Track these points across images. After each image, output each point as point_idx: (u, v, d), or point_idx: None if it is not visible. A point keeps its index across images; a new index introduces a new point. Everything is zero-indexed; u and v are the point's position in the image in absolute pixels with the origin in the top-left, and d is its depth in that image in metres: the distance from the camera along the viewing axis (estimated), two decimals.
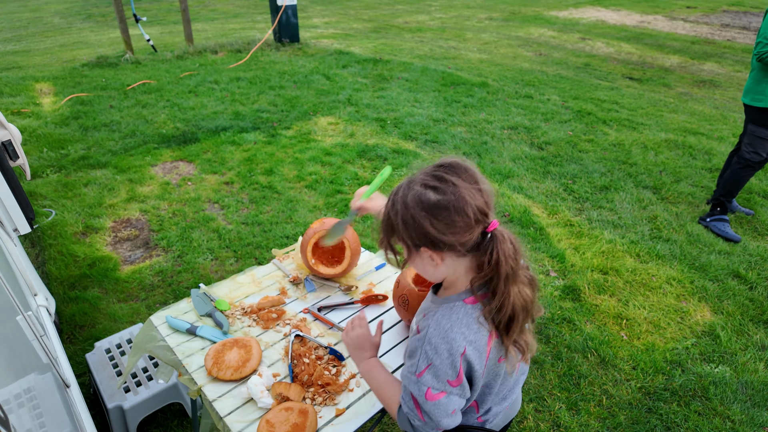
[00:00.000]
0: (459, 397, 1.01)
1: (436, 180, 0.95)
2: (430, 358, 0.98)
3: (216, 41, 8.35)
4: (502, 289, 0.95)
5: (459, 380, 0.98)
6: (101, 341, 2.19)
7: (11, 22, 11.16)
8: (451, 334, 0.97)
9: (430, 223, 0.93)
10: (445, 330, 0.98)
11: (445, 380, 0.98)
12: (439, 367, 0.97)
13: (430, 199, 0.93)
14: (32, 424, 1.29)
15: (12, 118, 5.20)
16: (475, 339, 0.98)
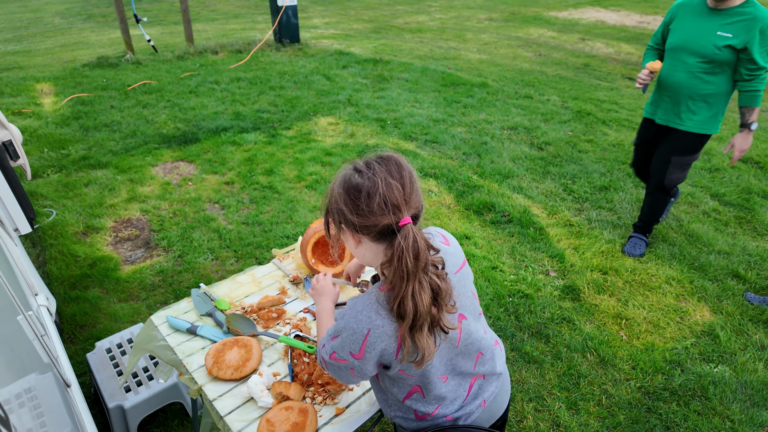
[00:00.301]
0: (359, 369, 1.10)
1: (365, 166, 1.03)
2: (340, 330, 1.09)
3: (216, 42, 8.36)
4: (396, 283, 1.00)
5: (361, 355, 1.06)
6: (102, 341, 2.20)
7: (12, 23, 11.17)
8: (360, 316, 1.05)
9: (344, 201, 1.02)
10: (357, 311, 1.06)
11: (348, 351, 1.08)
12: (345, 340, 1.07)
13: (351, 180, 1.02)
14: (33, 423, 1.29)
15: (13, 118, 5.21)
16: (382, 324, 1.03)
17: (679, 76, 2.75)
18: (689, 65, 2.69)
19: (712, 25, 2.58)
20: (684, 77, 2.73)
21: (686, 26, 2.70)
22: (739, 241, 3.44)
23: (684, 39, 2.70)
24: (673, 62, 2.77)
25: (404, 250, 0.97)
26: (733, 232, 3.55)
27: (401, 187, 1.00)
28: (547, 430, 2.15)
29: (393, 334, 1.04)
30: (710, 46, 2.58)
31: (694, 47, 2.65)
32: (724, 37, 2.52)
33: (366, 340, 1.04)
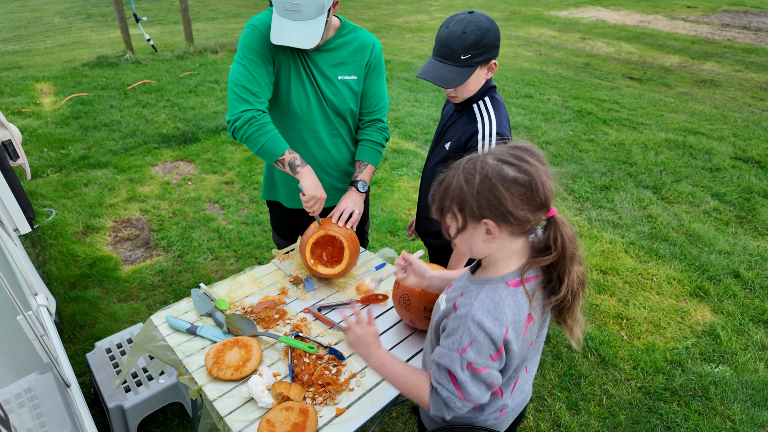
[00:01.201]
0: (497, 370, 1.05)
1: (515, 158, 0.98)
2: (474, 335, 1.01)
3: (216, 41, 8.35)
4: (568, 269, 1.00)
5: (500, 354, 1.03)
6: (102, 341, 2.20)
7: (11, 22, 11.16)
8: (495, 314, 1.01)
9: (503, 195, 0.96)
10: (489, 309, 1.01)
11: (488, 355, 1.02)
12: (482, 344, 1.01)
13: (509, 173, 0.96)
14: (33, 423, 1.29)
15: (12, 118, 5.21)
16: (516, 320, 1.02)
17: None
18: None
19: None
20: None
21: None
22: (740, 240, 3.43)
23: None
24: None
25: (571, 237, 0.99)
26: (734, 232, 3.54)
27: (550, 178, 0.99)
28: (548, 430, 2.14)
29: (521, 327, 1.03)
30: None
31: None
32: None
33: (506, 336, 1.01)
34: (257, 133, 1.67)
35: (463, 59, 1.49)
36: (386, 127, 1.99)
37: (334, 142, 1.89)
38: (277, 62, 1.72)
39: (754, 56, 8.39)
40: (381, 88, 1.91)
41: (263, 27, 1.66)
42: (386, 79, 7.14)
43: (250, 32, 1.67)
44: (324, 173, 1.93)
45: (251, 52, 1.66)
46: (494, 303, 1.02)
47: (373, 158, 1.94)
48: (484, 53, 1.51)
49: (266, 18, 1.68)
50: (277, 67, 1.72)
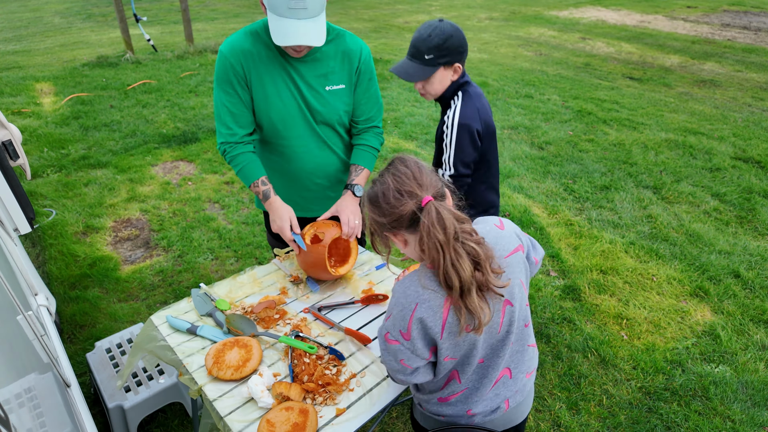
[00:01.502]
0: (410, 352, 1.13)
1: (378, 176, 1.17)
2: (391, 309, 1.14)
3: (216, 41, 8.35)
4: (434, 257, 1.05)
5: (408, 335, 1.11)
6: (102, 341, 2.20)
7: (11, 22, 11.16)
8: (408, 291, 1.11)
9: (372, 212, 1.14)
10: (404, 287, 1.12)
11: (398, 330, 1.12)
12: (396, 317, 1.12)
13: (370, 193, 1.15)
14: (33, 423, 1.29)
15: (12, 118, 5.21)
16: (429, 298, 1.08)
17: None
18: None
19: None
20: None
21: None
22: (740, 240, 3.43)
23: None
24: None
25: (432, 224, 1.03)
26: (734, 232, 3.54)
27: (410, 174, 1.10)
28: (548, 430, 2.14)
29: (439, 308, 1.08)
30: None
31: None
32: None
33: (413, 315, 1.08)
34: (232, 163, 1.77)
35: (427, 59, 1.70)
36: (381, 131, 1.96)
37: (321, 150, 1.86)
38: (251, 85, 1.70)
39: (755, 56, 8.39)
40: (374, 93, 1.88)
41: (229, 53, 1.65)
42: (386, 79, 7.08)
43: (219, 62, 1.69)
44: (315, 182, 1.91)
45: (224, 82, 1.68)
46: (410, 281, 1.11)
47: (369, 162, 1.91)
48: (446, 56, 1.70)
49: (234, 41, 1.67)
50: (252, 87, 1.71)
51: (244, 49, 1.66)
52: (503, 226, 1.22)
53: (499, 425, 1.28)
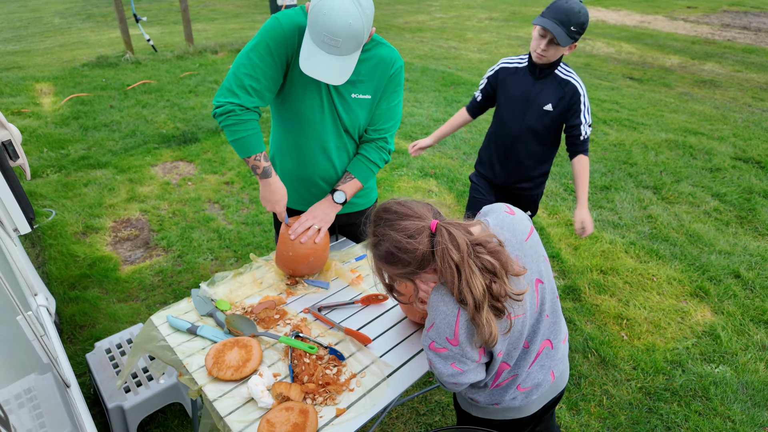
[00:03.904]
0: (461, 356, 1.14)
1: (374, 236, 1.17)
2: (433, 318, 1.15)
3: (216, 41, 8.35)
4: (449, 279, 1.08)
5: (456, 340, 1.12)
6: (101, 341, 2.19)
7: (11, 22, 11.16)
8: (447, 298, 1.11)
9: (392, 270, 1.16)
10: (441, 295, 1.13)
11: (444, 338, 1.13)
12: (439, 326, 1.13)
13: (380, 253, 1.15)
14: (32, 424, 1.29)
15: (12, 118, 5.20)
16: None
17: None
18: None
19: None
20: None
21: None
22: (741, 241, 3.43)
23: None
24: None
25: (445, 249, 1.05)
26: (734, 232, 3.54)
27: (403, 214, 1.12)
28: None
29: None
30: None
31: None
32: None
33: (458, 321, 1.09)
34: (235, 126, 1.60)
35: (572, 30, 1.88)
36: (389, 148, 1.88)
37: (340, 156, 1.83)
38: (293, 66, 1.62)
39: (755, 56, 8.39)
40: (395, 107, 1.81)
41: (288, 26, 1.54)
42: None
43: (272, 26, 1.55)
44: (321, 184, 1.88)
45: (264, 47, 1.55)
46: (446, 290, 1.12)
47: (363, 175, 1.84)
48: (581, 34, 1.92)
49: (295, 16, 1.56)
50: (291, 71, 1.63)
51: (301, 24, 1.56)
52: (513, 211, 1.25)
53: (548, 395, 1.36)
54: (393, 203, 1.17)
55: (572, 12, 1.86)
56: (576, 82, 2.06)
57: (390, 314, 1.69)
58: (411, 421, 2.17)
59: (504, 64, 2.21)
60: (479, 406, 1.35)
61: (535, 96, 2.11)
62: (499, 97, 2.25)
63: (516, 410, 1.32)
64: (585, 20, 1.88)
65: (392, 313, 1.69)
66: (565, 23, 1.87)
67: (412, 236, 1.09)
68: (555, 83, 2.07)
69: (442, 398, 2.28)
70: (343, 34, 1.42)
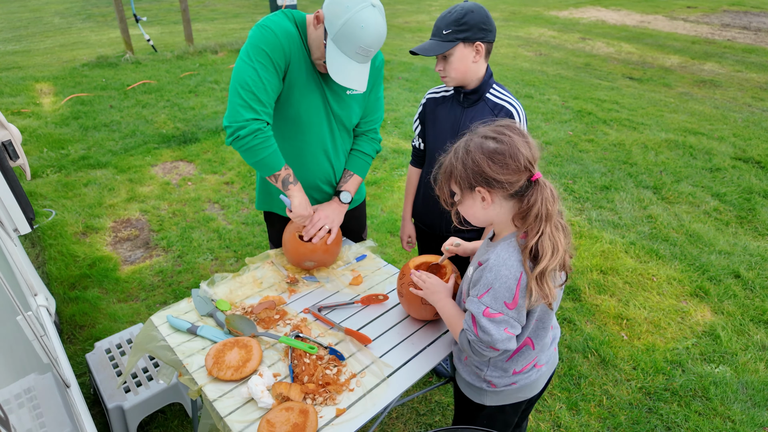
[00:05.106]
0: (514, 320, 1.18)
1: (495, 133, 1.16)
2: (490, 283, 1.16)
3: (216, 41, 8.35)
4: (534, 227, 1.12)
5: (515, 304, 1.15)
6: (101, 341, 2.19)
7: (11, 22, 11.16)
8: (509, 262, 1.14)
9: (487, 164, 1.13)
10: (503, 259, 1.15)
11: (502, 302, 1.15)
12: (498, 290, 1.15)
13: (489, 146, 1.14)
14: (32, 424, 1.29)
15: (12, 118, 5.20)
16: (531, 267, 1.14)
17: None
18: None
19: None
20: None
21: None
22: (740, 241, 3.43)
23: None
24: None
25: (547, 196, 1.11)
26: (734, 232, 3.54)
27: (532, 146, 1.14)
28: (548, 430, 2.14)
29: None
30: None
31: None
32: None
33: (519, 284, 1.13)
34: (261, 145, 1.55)
35: (445, 34, 1.62)
36: (378, 138, 1.95)
37: (336, 155, 1.85)
38: (289, 72, 1.61)
39: (754, 56, 8.39)
40: (380, 98, 1.87)
41: (280, 32, 1.53)
42: (386, 79, 7.10)
43: (264, 35, 1.52)
44: (323, 187, 1.89)
45: (263, 56, 1.52)
46: (508, 254, 1.15)
47: (361, 169, 1.91)
48: (465, 31, 1.60)
49: (282, 23, 1.56)
50: (288, 77, 1.62)
51: (290, 32, 1.57)
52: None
53: (551, 369, 1.44)
54: (524, 128, 1.22)
55: (441, 18, 1.64)
56: (512, 107, 1.71)
57: (390, 314, 1.69)
58: (411, 421, 2.17)
59: (430, 95, 1.89)
60: (493, 391, 1.39)
61: (465, 126, 1.70)
62: (428, 132, 1.91)
63: (529, 387, 1.39)
64: (459, 16, 1.59)
65: (392, 314, 1.69)
66: (437, 33, 1.64)
67: (528, 161, 1.12)
68: (487, 109, 1.72)
69: (442, 398, 2.28)
70: (376, 45, 1.51)
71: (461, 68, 1.66)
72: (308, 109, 1.70)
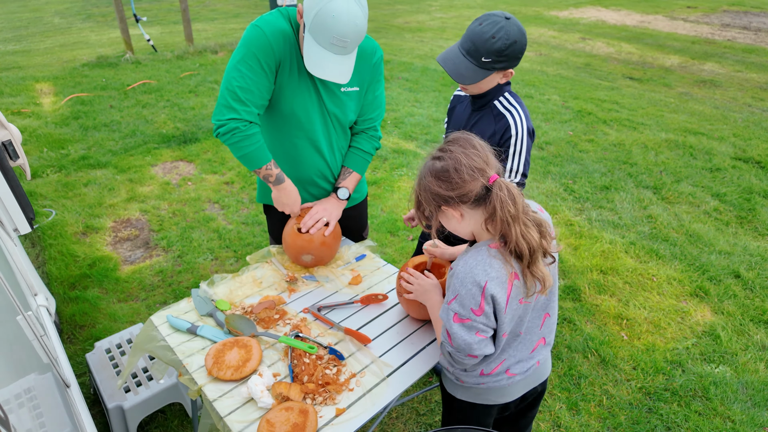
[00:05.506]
0: (483, 326, 1.19)
1: (440, 151, 1.20)
2: (457, 290, 1.19)
3: (216, 41, 8.35)
4: (504, 231, 1.14)
5: (481, 310, 1.17)
6: (101, 341, 2.19)
7: (11, 22, 11.16)
8: (475, 270, 1.16)
9: (437, 185, 1.17)
10: (470, 266, 1.17)
11: (469, 308, 1.17)
12: (464, 297, 1.17)
13: (436, 166, 1.18)
14: (32, 424, 1.29)
15: (12, 118, 5.21)
16: (497, 275, 1.15)
17: None
18: None
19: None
20: None
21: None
22: (740, 241, 3.43)
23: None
24: None
25: (504, 199, 1.12)
26: (734, 232, 3.54)
27: (478, 152, 1.16)
28: (548, 430, 2.14)
29: (504, 284, 1.16)
30: None
31: None
32: None
33: (484, 291, 1.15)
34: (241, 143, 1.61)
35: (484, 61, 1.56)
36: (378, 135, 1.96)
37: (331, 151, 1.86)
38: (281, 71, 1.64)
39: (754, 56, 8.39)
40: (380, 96, 1.88)
41: (270, 32, 1.55)
42: (386, 79, 7.08)
43: (255, 35, 1.55)
44: (319, 181, 1.91)
45: (251, 57, 1.55)
46: (475, 261, 1.17)
47: (360, 167, 1.93)
48: (504, 62, 1.57)
49: (275, 22, 1.58)
50: (280, 76, 1.64)
51: (284, 31, 1.58)
52: (542, 210, 1.31)
53: (531, 382, 1.41)
54: (477, 139, 1.20)
55: (483, 40, 1.52)
56: (513, 119, 1.68)
57: (390, 314, 1.69)
58: (411, 421, 2.17)
59: (457, 92, 1.92)
60: (462, 387, 1.40)
61: (469, 129, 1.75)
62: (448, 129, 1.96)
63: (499, 392, 1.37)
64: (503, 46, 1.52)
65: (392, 313, 1.69)
66: (474, 54, 1.56)
67: (474, 171, 1.13)
68: (491, 116, 1.71)
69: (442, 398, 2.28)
70: (351, 35, 1.47)
71: (486, 87, 1.67)
72: (302, 106, 1.71)
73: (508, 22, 1.52)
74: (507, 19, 1.53)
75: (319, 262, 1.86)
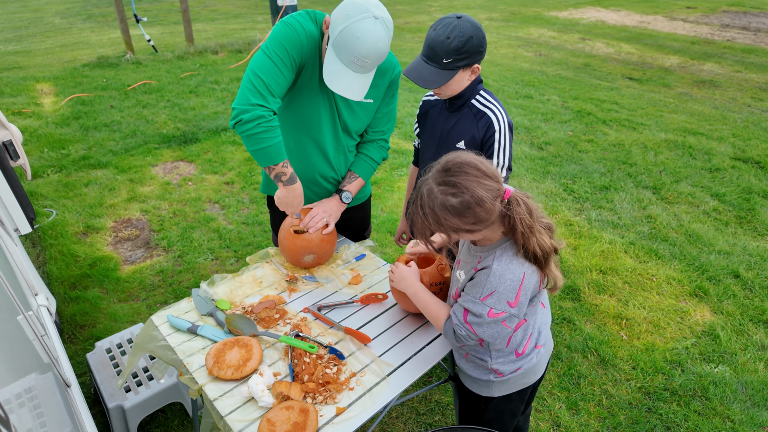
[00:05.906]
0: (514, 316, 1.27)
1: (449, 185, 1.15)
2: (495, 287, 1.23)
3: (216, 41, 8.35)
4: (523, 241, 1.20)
5: (517, 301, 1.24)
6: (102, 341, 2.20)
7: (12, 23, 11.16)
8: (512, 266, 1.22)
9: (460, 221, 1.17)
10: (506, 264, 1.23)
11: (506, 302, 1.24)
12: (502, 293, 1.23)
13: (452, 202, 1.15)
14: (33, 423, 1.29)
15: (13, 119, 5.21)
16: (531, 268, 1.24)
17: None
18: None
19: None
20: None
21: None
22: (740, 241, 3.43)
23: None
24: None
25: (522, 213, 1.16)
26: (734, 232, 3.55)
27: (485, 173, 1.16)
28: (548, 430, 2.14)
29: (536, 274, 1.25)
30: None
31: None
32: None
33: (522, 285, 1.23)
34: (262, 135, 1.52)
35: (445, 63, 1.58)
36: (387, 146, 1.99)
37: (336, 155, 1.88)
38: (303, 72, 1.65)
39: (754, 57, 8.39)
40: (393, 109, 1.90)
41: (303, 35, 1.56)
42: None
43: (287, 32, 1.55)
44: (322, 182, 1.92)
45: (283, 52, 1.53)
46: (509, 259, 1.23)
47: (366, 173, 1.95)
48: (466, 58, 1.58)
49: (307, 25, 1.58)
50: (302, 77, 1.65)
51: (313, 34, 1.59)
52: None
53: (549, 350, 1.51)
54: (472, 157, 1.18)
55: (438, 42, 1.55)
56: (494, 114, 1.69)
57: (389, 313, 1.69)
58: (411, 420, 2.17)
59: (426, 97, 1.91)
60: (501, 381, 1.44)
61: (448, 131, 1.78)
62: (421, 133, 1.94)
63: (532, 371, 1.45)
64: (460, 44, 1.54)
65: (392, 313, 1.70)
66: (434, 59, 1.58)
67: (492, 197, 1.15)
68: (470, 116, 1.72)
69: (442, 398, 2.29)
70: (373, 56, 1.49)
71: (458, 88, 1.68)
72: (315, 110, 1.73)
73: (460, 20, 1.56)
74: (458, 18, 1.56)
75: (320, 261, 1.87)
